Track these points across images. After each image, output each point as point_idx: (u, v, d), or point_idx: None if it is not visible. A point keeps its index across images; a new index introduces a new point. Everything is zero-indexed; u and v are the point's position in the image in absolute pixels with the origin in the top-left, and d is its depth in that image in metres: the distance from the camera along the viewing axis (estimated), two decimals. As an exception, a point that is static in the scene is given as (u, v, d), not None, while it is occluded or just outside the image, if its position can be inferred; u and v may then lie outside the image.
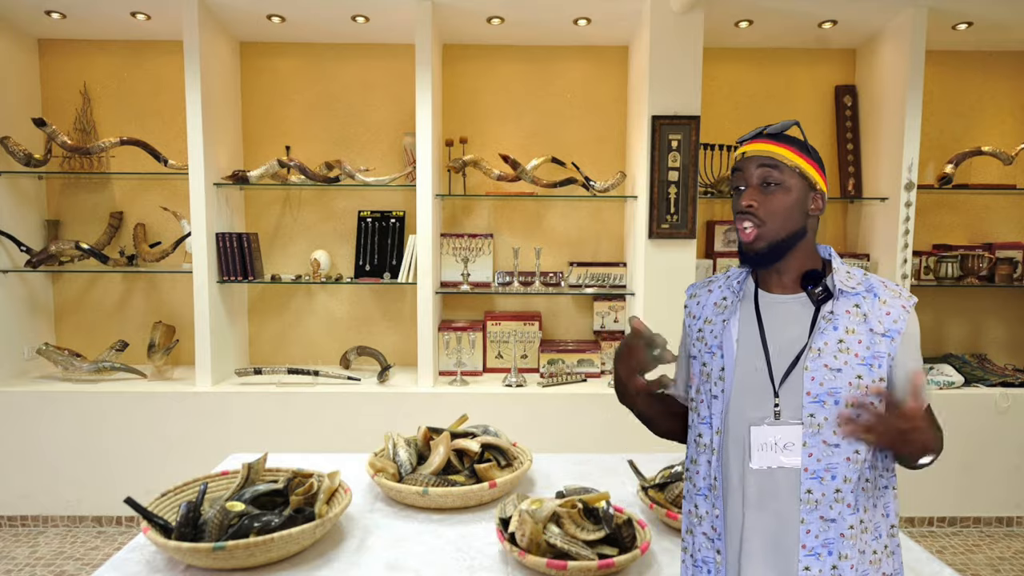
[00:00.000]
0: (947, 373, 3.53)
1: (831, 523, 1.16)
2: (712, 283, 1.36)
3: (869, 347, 1.17)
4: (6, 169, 3.41)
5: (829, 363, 1.17)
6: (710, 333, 1.30)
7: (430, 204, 3.31)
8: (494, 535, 1.75)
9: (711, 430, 1.26)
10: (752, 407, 1.21)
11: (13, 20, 3.41)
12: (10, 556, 3.14)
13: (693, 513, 1.31)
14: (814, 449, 1.17)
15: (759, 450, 1.19)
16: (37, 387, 3.34)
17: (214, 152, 3.37)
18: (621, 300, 3.73)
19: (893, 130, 3.42)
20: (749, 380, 1.22)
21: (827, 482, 1.16)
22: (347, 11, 3.28)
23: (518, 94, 3.77)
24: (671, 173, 3.28)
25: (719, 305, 1.31)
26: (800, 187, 1.21)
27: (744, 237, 1.22)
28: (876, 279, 1.24)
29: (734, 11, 3.27)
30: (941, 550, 3.30)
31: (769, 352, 1.22)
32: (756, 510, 1.20)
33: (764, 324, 1.24)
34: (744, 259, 1.25)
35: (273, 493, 1.75)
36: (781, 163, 1.20)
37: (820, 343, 1.18)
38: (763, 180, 1.21)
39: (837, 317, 1.19)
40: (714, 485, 1.25)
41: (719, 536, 1.25)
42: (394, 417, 3.28)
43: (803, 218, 1.22)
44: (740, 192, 1.24)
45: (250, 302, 3.82)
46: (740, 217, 1.22)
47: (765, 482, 1.19)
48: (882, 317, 1.19)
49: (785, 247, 1.21)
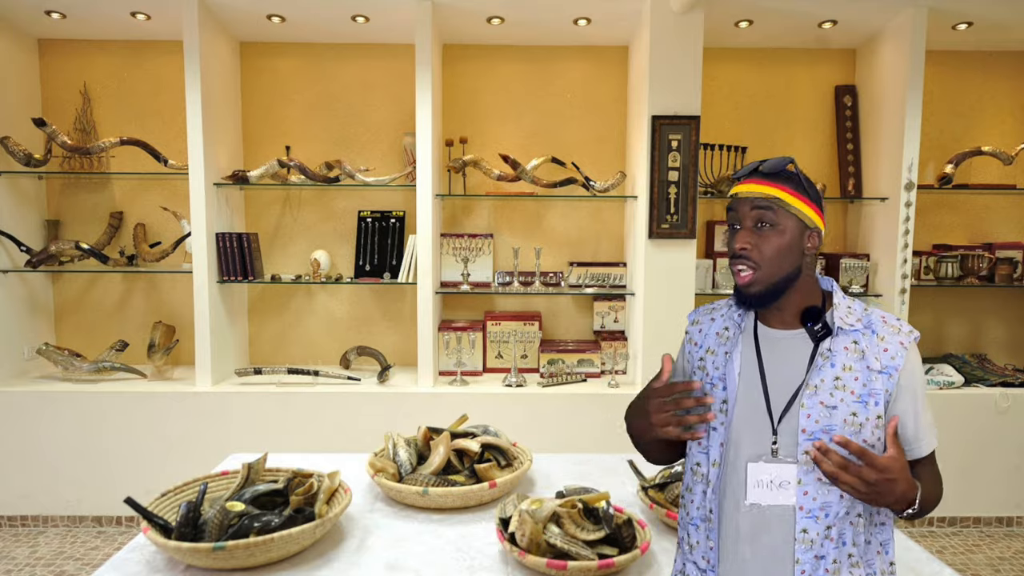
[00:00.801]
0: (947, 373, 3.53)
1: (821, 560, 1.17)
2: (715, 311, 1.35)
3: (865, 384, 1.17)
4: (6, 169, 3.41)
5: (825, 400, 1.16)
6: (711, 364, 1.29)
7: (430, 204, 3.31)
8: (494, 535, 1.75)
9: (708, 462, 1.25)
10: (750, 443, 1.20)
11: (13, 20, 3.41)
12: (10, 556, 3.14)
13: (685, 541, 1.31)
14: (809, 487, 1.16)
15: (755, 487, 1.19)
16: (37, 387, 3.34)
17: (214, 152, 3.37)
18: (621, 300, 3.73)
19: (893, 130, 3.42)
20: (748, 415, 1.21)
21: (821, 520, 1.16)
22: (347, 11, 3.28)
23: (518, 94, 3.77)
24: (671, 173, 3.28)
25: (721, 336, 1.30)
26: (795, 227, 1.19)
27: (739, 280, 1.22)
28: (877, 315, 1.23)
29: (734, 11, 3.27)
30: (941, 550, 3.30)
31: (768, 388, 1.21)
32: (749, 544, 1.20)
33: (763, 359, 1.23)
34: (740, 300, 1.25)
35: (273, 493, 1.75)
36: (774, 204, 1.19)
37: (816, 380, 1.18)
38: (757, 221, 1.20)
39: (835, 354, 1.19)
40: (709, 517, 1.25)
41: (712, 568, 1.24)
42: (394, 417, 3.28)
43: (798, 258, 1.21)
44: (735, 231, 1.24)
45: (250, 302, 3.82)
46: (735, 260, 1.22)
47: (759, 518, 1.19)
48: (879, 354, 1.18)
49: (780, 289, 1.21)
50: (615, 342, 3.58)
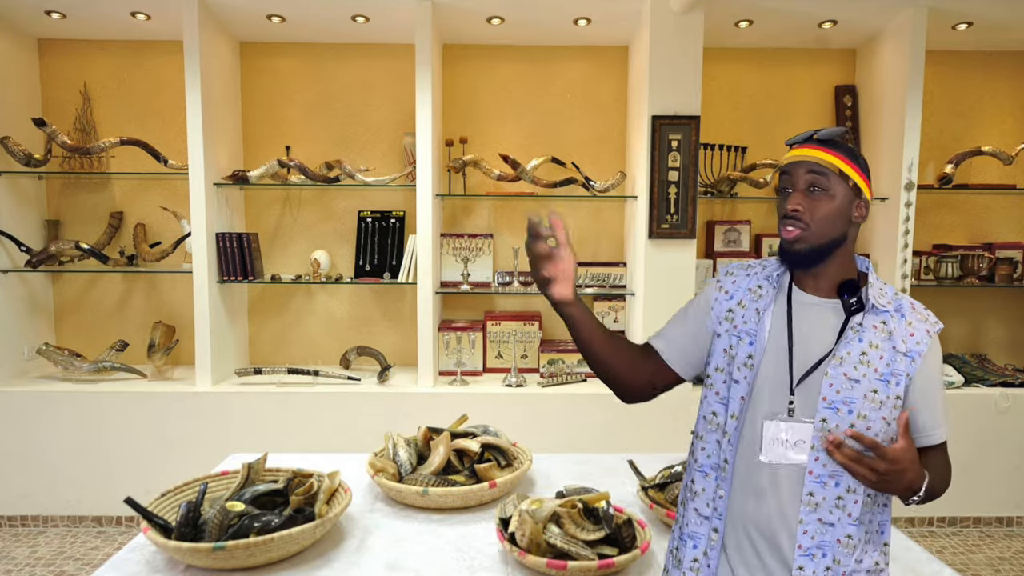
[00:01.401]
0: (947, 373, 3.53)
1: (829, 527, 1.18)
2: (751, 268, 1.36)
3: (889, 364, 1.19)
4: (6, 169, 3.41)
5: (849, 372, 1.18)
6: (741, 317, 1.29)
7: (430, 204, 3.31)
8: (494, 535, 1.75)
9: (726, 412, 1.27)
10: (769, 401, 1.23)
11: (13, 20, 3.41)
12: (10, 556, 3.14)
13: (689, 488, 1.32)
14: (821, 454, 1.18)
15: (770, 444, 1.21)
16: (37, 387, 3.34)
17: (214, 152, 3.37)
18: (621, 300, 3.73)
19: (893, 130, 3.42)
20: (771, 374, 1.24)
21: (830, 487, 1.18)
22: (347, 11, 3.28)
23: (518, 94, 3.77)
24: (671, 173, 3.28)
25: (754, 292, 1.31)
26: (845, 194, 1.22)
27: (786, 235, 1.23)
28: (907, 300, 1.26)
29: (734, 11, 3.27)
30: (941, 550, 3.30)
31: (793, 351, 1.23)
32: (756, 500, 1.22)
33: (793, 322, 1.25)
34: (784, 257, 1.27)
35: (273, 493, 1.75)
36: (829, 170, 1.21)
37: (844, 352, 1.20)
38: (810, 185, 1.22)
39: (864, 330, 1.21)
40: (723, 467, 1.26)
41: (718, 516, 1.26)
42: (394, 417, 3.28)
43: (845, 225, 1.23)
44: (786, 194, 1.25)
45: (250, 302, 3.82)
46: (785, 221, 1.24)
47: (770, 475, 1.21)
48: (906, 337, 1.21)
49: (825, 252, 1.23)
50: (615, 342, 3.58)
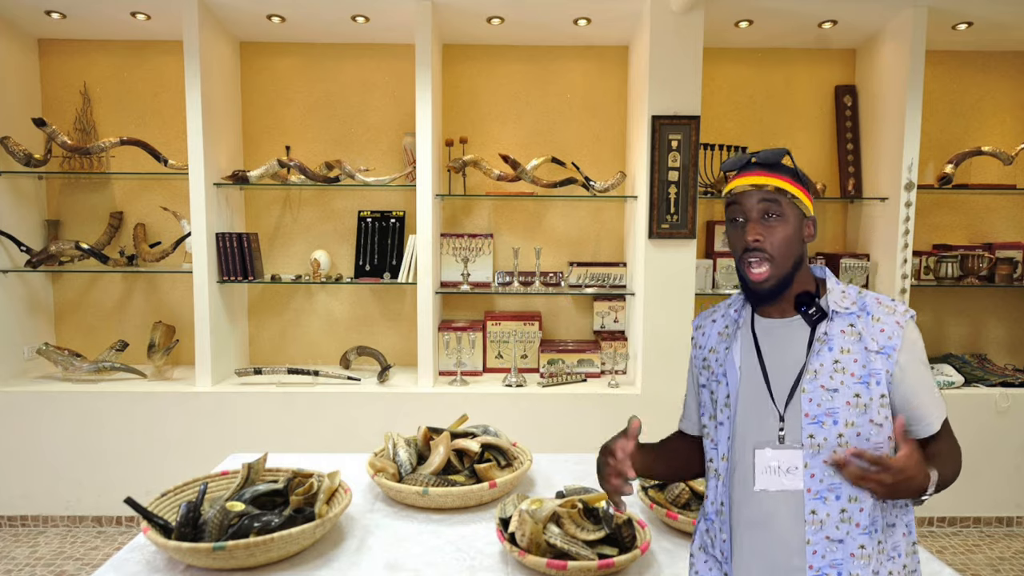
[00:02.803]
0: (947, 373, 3.53)
1: (839, 544, 1.15)
2: (715, 312, 1.38)
3: (865, 365, 1.17)
4: (6, 169, 3.41)
5: (825, 383, 1.17)
6: (715, 362, 1.30)
7: (430, 204, 3.31)
8: (494, 535, 1.75)
9: (718, 456, 1.27)
10: (757, 431, 1.21)
11: (13, 20, 3.41)
12: (10, 556, 3.14)
13: (705, 535, 1.32)
14: (816, 470, 1.17)
15: (763, 472, 1.20)
16: (37, 387, 3.34)
17: (214, 152, 3.37)
18: (621, 300, 3.73)
19: (893, 130, 3.42)
20: (752, 405, 1.22)
21: (831, 502, 1.16)
22: (347, 11, 3.28)
23: (518, 94, 3.77)
24: (671, 173, 3.28)
25: (722, 334, 1.32)
26: (796, 217, 1.21)
27: (754, 277, 1.21)
28: (871, 297, 1.23)
29: (734, 11, 3.27)
30: (941, 550, 3.30)
31: (769, 376, 1.22)
32: (758, 531, 1.20)
33: (762, 349, 1.24)
34: (752, 297, 1.25)
35: (273, 493, 1.76)
36: (781, 196, 1.20)
37: (816, 364, 1.19)
38: (764, 213, 1.20)
39: (831, 338, 1.20)
40: (721, 509, 1.26)
41: (726, 560, 1.25)
42: (394, 417, 3.28)
43: (801, 246, 1.23)
44: (739, 224, 1.24)
45: (250, 302, 3.82)
46: (748, 254, 1.21)
47: (767, 505, 1.19)
48: (876, 335, 1.19)
49: (789, 279, 1.22)
50: (615, 342, 3.58)
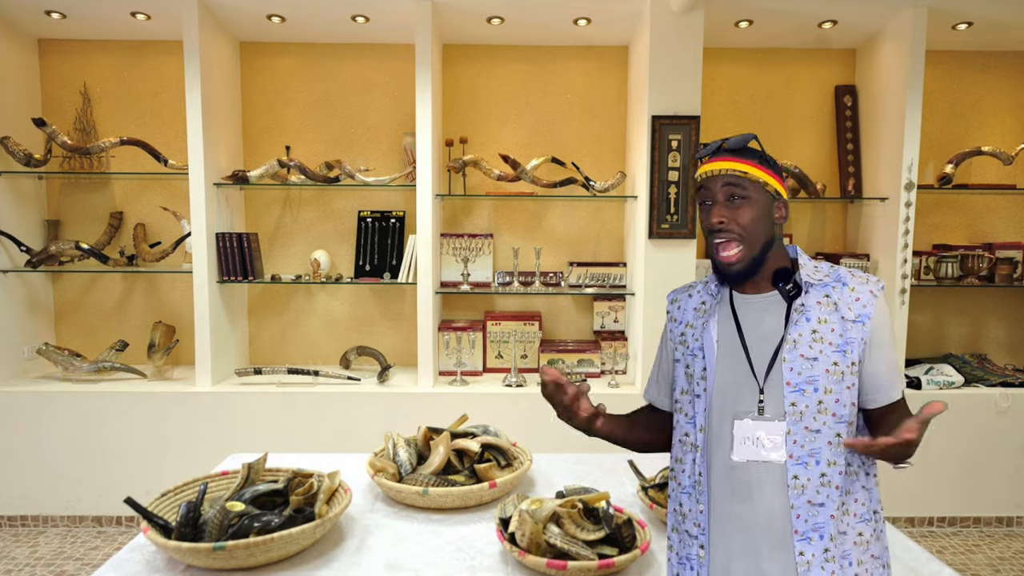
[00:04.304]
0: (947, 373, 3.53)
1: (819, 507, 1.20)
2: (692, 288, 1.42)
3: (842, 334, 1.22)
4: (6, 169, 3.41)
5: (805, 352, 1.22)
6: (692, 336, 1.35)
7: (430, 204, 3.31)
8: (494, 535, 1.75)
9: (695, 428, 1.30)
10: (736, 403, 1.25)
11: (13, 20, 3.41)
12: (10, 556, 3.14)
13: (678, 511, 1.35)
14: (797, 436, 1.21)
15: (741, 443, 1.23)
16: (37, 387, 3.34)
17: (214, 152, 3.37)
18: (621, 300, 3.73)
19: (893, 130, 3.42)
20: (732, 377, 1.26)
21: (812, 467, 1.20)
22: (347, 11, 3.28)
23: (518, 94, 3.77)
24: (671, 173, 3.28)
25: (699, 310, 1.36)
26: (764, 199, 1.26)
27: (724, 260, 1.27)
28: (844, 270, 1.29)
29: (734, 11, 3.27)
30: (941, 550, 3.30)
31: (748, 349, 1.26)
32: (740, 503, 1.23)
33: (741, 323, 1.29)
34: (724, 279, 1.31)
35: (273, 493, 1.75)
36: (745, 178, 1.24)
37: (795, 335, 1.23)
38: (729, 196, 1.26)
39: (809, 309, 1.25)
40: (699, 481, 1.28)
41: (703, 532, 1.28)
42: (394, 417, 3.28)
43: (771, 227, 1.28)
44: (706, 207, 1.29)
45: (250, 302, 3.82)
46: (715, 235, 1.27)
47: (750, 476, 1.23)
48: (852, 303, 1.24)
49: (760, 260, 1.27)
50: (615, 342, 3.58)
